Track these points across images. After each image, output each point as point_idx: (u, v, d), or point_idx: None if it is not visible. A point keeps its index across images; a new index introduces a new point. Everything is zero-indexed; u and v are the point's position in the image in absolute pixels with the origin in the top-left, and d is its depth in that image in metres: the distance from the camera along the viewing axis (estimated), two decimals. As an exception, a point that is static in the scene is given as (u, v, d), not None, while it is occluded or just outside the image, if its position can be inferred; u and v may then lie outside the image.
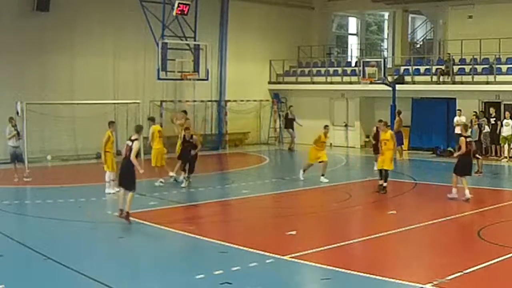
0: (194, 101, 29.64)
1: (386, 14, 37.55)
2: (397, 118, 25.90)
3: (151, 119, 20.33)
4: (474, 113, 24.86)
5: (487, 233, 12.33)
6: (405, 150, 28.49)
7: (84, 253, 11.31)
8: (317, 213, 15.26)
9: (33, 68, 24.58)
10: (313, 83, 31.69)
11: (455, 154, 17.19)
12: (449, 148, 27.09)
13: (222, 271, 9.98)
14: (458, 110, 25.93)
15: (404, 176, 21.73)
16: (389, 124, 20.70)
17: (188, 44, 26.10)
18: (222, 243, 11.84)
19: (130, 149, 13.59)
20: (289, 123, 30.34)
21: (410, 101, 28.97)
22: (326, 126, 19.98)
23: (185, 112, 22.64)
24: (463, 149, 16.27)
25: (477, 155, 21.13)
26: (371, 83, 27.48)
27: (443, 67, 26.84)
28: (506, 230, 13.04)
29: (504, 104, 25.97)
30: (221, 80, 30.50)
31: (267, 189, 18.96)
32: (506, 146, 24.81)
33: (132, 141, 13.70)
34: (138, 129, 14.41)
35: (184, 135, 18.53)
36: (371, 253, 11.56)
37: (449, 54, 26.64)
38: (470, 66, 26.35)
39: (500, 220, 13.75)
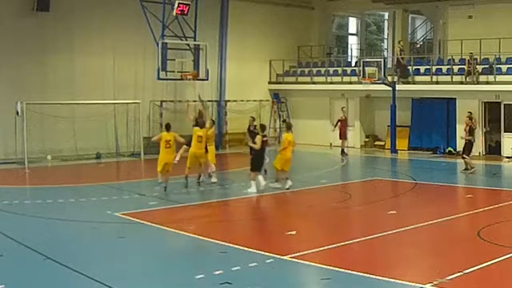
0: (194, 101, 29.63)
1: (386, 14, 37.55)
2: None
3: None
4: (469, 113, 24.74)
5: (487, 233, 12.32)
6: (404, 150, 28.57)
7: (84, 253, 11.31)
8: (317, 213, 15.25)
9: (33, 68, 24.59)
10: (313, 83, 31.69)
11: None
12: (449, 148, 27.15)
13: (222, 271, 9.98)
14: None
15: (404, 176, 21.74)
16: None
17: (188, 44, 26.09)
18: (222, 243, 11.84)
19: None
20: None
21: (410, 101, 28.99)
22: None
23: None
24: (258, 145, 17.62)
25: (463, 155, 21.36)
26: (371, 83, 27.49)
27: (465, 67, 26.45)
28: (506, 230, 13.03)
29: (504, 104, 25.99)
30: (221, 80, 30.49)
31: (267, 189, 18.93)
32: None
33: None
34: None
35: None
36: (371, 253, 11.55)
37: (471, 53, 26.24)
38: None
39: (500, 220, 13.74)
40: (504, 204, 15.85)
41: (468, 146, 21.61)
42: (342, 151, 27.32)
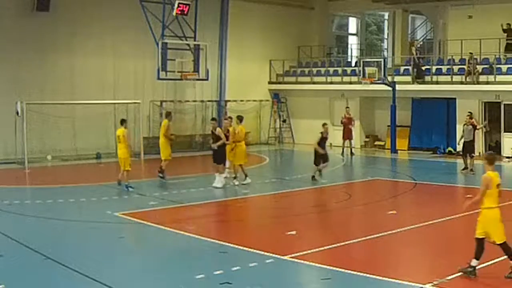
0: (194, 101, 29.66)
1: (386, 14, 37.57)
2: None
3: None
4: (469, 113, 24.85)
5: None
6: (404, 150, 28.59)
7: (84, 253, 11.31)
8: (317, 213, 15.25)
9: (33, 68, 24.59)
10: (313, 83, 31.70)
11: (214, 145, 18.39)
12: (449, 148, 27.15)
13: (222, 271, 9.99)
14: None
15: (404, 176, 21.74)
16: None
17: (188, 44, 26.09)
18: (222, 243, 11.85)
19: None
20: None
21: (410, 101, 28.99)
22: (239, 118, 19.06)
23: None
24: (223, 140, 18.10)
25: (472, 154, 21.35)
26: (371, 83, 27.49)
27: (465, 67, 26.40)
28: (506, 230, 13.01)
29: (504, 104, 25.99)
30: (221, 80, 30.50)
31: (267, 189, 18.95)
32: None
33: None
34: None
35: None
36: (371, 253, 11.56)
37: (471, 53, 26.24)
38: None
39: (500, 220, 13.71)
40: (504, 204, 15.81)
41: (471, 145, 21.63)
42: (343, 151, 27.30)
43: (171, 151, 19.42)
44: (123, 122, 18.39)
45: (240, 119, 19.14)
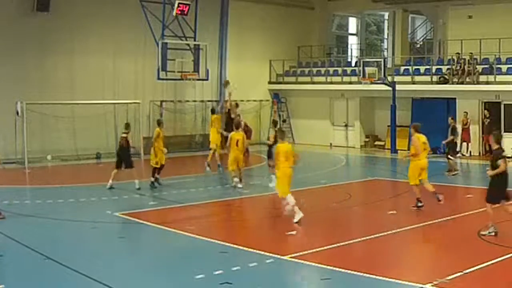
0: (194, 101, 29.65)
1: (386, 14, 37.58)
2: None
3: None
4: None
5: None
6: (404, 150, 28.55)
7: (84, 253, 11.31)
8: (317, 213, 15.25)
9: (33, 68, 24.59)
10: (313, 83, 31.71)
11: None
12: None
13: (222, 271, 9.99)
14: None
15: (404, 176, 21.72)
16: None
17: (188, 44, 26.10)
18: (222, 243, 11.85)
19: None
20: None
21: (410, 101, 28.99)
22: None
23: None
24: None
25: (449, 156, 21.34)
26: (371, 83, 27.50)
27: (465, 67, 26.28)
28: (506, 230, 13.03)
29: (504, 104, 25.99)
30: (221, 80, 30.50)
31: (267, 189, 18.93)
32: None
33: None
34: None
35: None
36: (371, 253, 11.56)
37: (471, 53, 26.22)
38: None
39: (500, 220, 13.73)
40: (504, 204, 15.81)
41: (453, 146, 21.71)
42: None
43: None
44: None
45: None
